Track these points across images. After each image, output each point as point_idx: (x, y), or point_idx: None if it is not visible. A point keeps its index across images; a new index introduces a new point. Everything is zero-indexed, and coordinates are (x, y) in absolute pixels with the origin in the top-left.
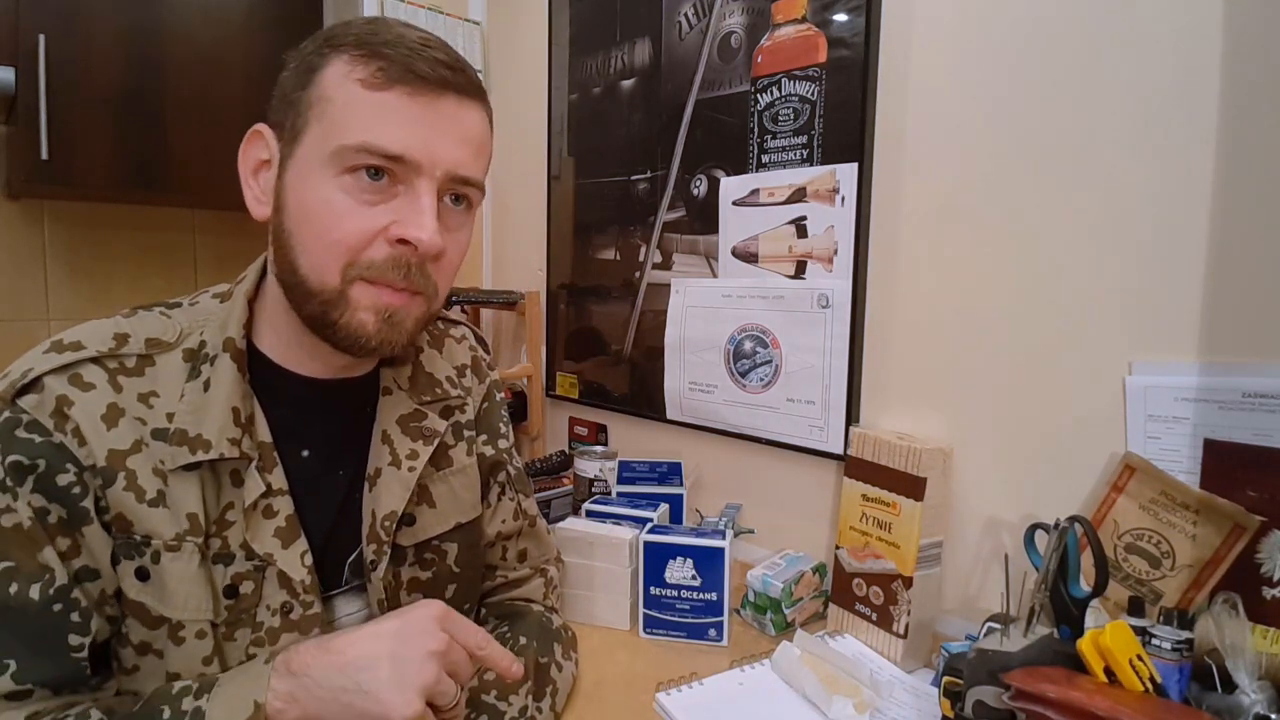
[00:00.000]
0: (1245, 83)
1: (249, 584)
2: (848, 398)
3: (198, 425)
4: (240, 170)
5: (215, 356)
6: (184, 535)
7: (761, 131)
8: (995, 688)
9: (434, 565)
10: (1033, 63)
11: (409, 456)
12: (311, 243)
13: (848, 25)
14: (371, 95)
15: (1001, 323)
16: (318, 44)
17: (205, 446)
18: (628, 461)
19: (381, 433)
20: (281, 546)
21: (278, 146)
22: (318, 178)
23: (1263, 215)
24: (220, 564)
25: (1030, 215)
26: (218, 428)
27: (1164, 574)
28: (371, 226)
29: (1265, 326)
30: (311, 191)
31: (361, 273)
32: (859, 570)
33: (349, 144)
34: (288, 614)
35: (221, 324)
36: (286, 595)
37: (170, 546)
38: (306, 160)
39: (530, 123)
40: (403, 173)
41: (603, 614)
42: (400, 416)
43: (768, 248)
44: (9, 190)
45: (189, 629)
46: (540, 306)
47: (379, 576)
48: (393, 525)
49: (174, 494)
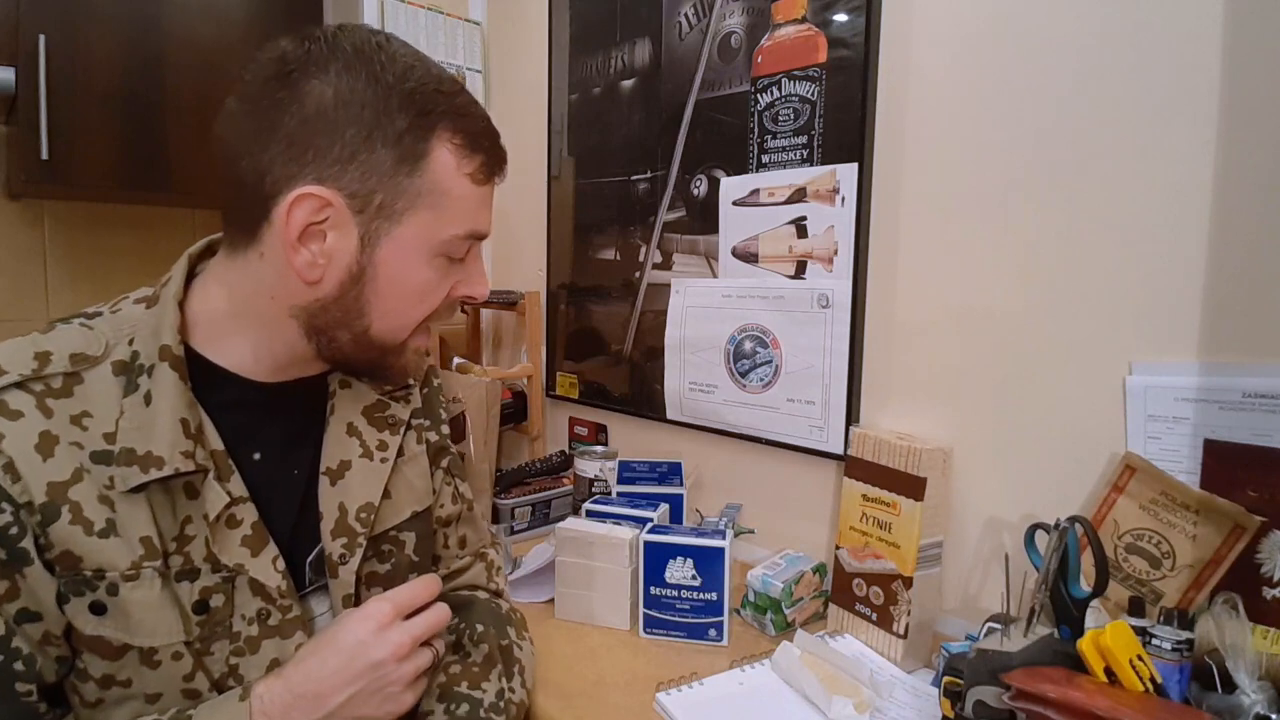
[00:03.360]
0: (1245, 82)
1: (219, 597)
2: (848, 398)
3: (146, 441)
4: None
5: (152, 367)
6: (141, 562)
7: (761, 131)
8: (995, 688)
9: (392, 557)
10: (1033, 62)
11: (379, 447)
12: (396, 310)
13: (848, 25)
14: (478, 189)
15: (1001, 323)
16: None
17: (158, 463)
18: (628, 461)
19: (346, 425)
20: (251, 555)
21: (354, 216)
22: (420, 257)
23: (1263, 215)
24: (185, 581)
25: (1030, 215)
26: (168, 442)
27: (1164, 574)
28: (446, 291)
29: (1265, 326)
30: (411, 270)
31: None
32: (859, 570)
33: (460, 234)
34: (266, 620)
35: (154, 331)
36: (262, 602)
37: (128, 576)
38: (412, 242)
39: (530, 123)
40: None
41: (602, 614)
42: (365, 407)
43: (768, 248)
44: (9, 190)
45: (163, 653)
46: (540, 306)
47: (349, 570)
48: (369, 516)
49: (124, 519)
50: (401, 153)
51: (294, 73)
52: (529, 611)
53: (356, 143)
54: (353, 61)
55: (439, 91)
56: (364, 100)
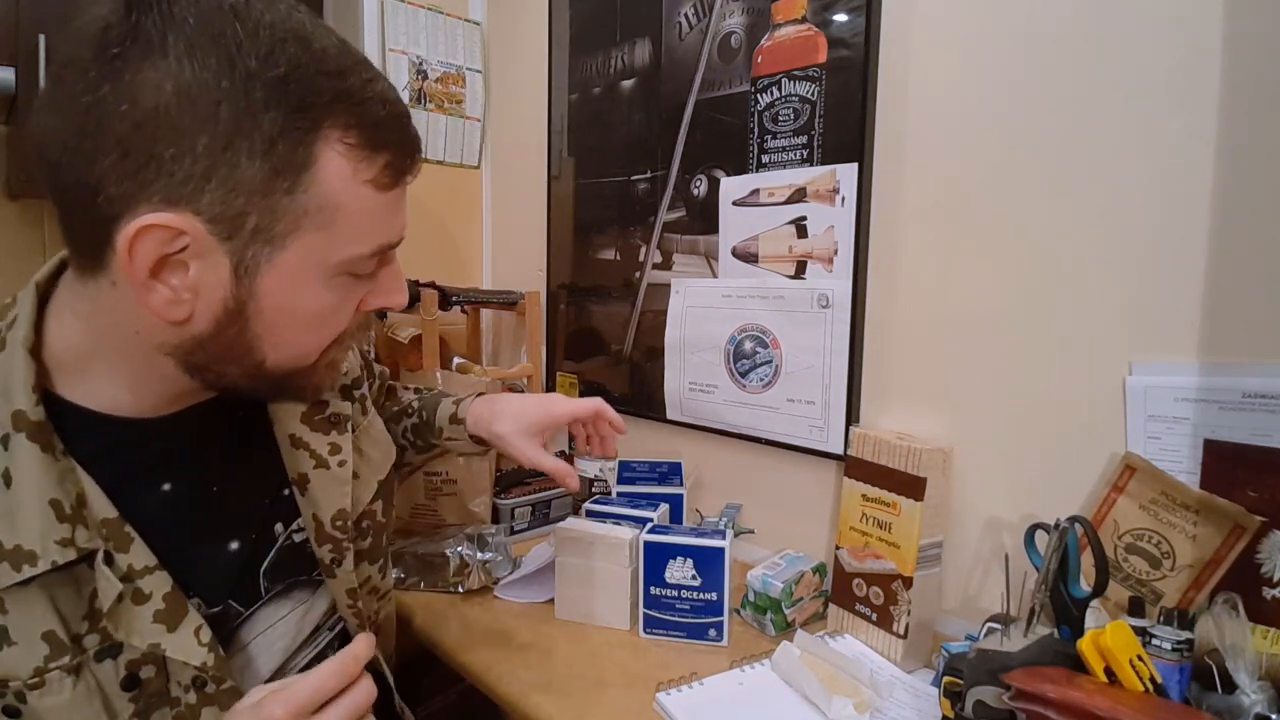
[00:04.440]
0: (1246, 82)
1: (149, 668)
2: (848, 398)
3: (12, 534)
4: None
5: (5, 437)
6: (45, 666)
7: (761, 131)
8: (995, 688)
9: (371, 530)
10: (1033, 62)
11: (332, 452)
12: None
13: (848, 25)
14: (383, 197)
15: (1001, 323)
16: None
17: (30, 559)
18: (628, 461)
19: (289, 438)
20: (167, 630)
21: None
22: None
23: (1263, 215)
24: (108, 658)
25: (1030, 215)
26: (38, 532)
27: (1164, 574)
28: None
29: (1265, 326)
30: (304, 298)
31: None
32: (859, 570)
33: (364, 253)
34: (202, 688)
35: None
36: (195, 670)
37: (32, 685)
38: (300, 268)
39: (530, 123)
40: None
41: (602, 614)
42: (303, 414)
43: (768, 248)
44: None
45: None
46: (540, 306)
47: (346, 570)
48: (346, 523)
49: (17, 620)
50: (275, 164)
51: (117, 57)
52: (529, 611)
53: (213, 154)
54: (198, 39)
55: (322, 74)
56: (218, 95)
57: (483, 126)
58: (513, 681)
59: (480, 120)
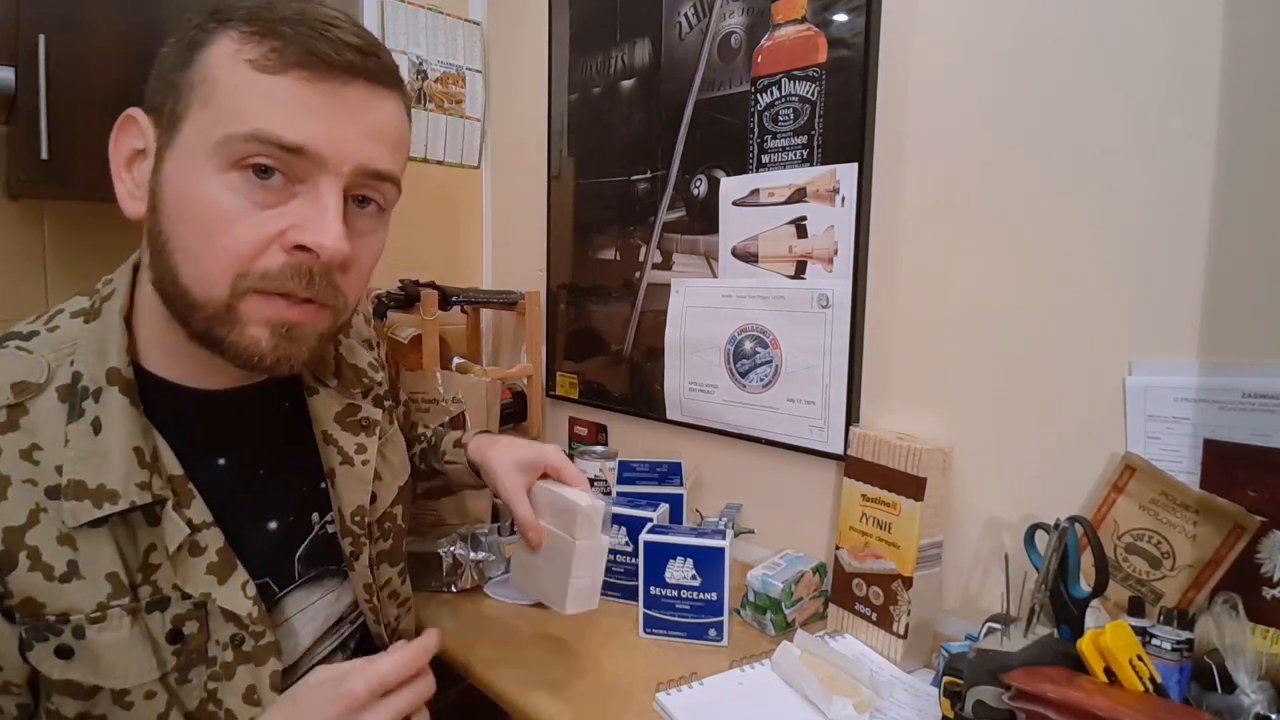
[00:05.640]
0: (1245, 82)
1: (193, 623)
2: (848, 398)
3: (98, 474)
4: (111, 161)
5: (99, 390)
6: (108, 603)
7: (761, 131)
8: (995, 688)
9: (392, 532)
10: (1033, 62)
11: (358, 451)
12: (195, 248)
13: (848, 25)
14: (264, 79)
15: (1002, 323)
16: (203, 17)
17: (112, 497)
18: (628, 461)
19: (322, 434)
20: (218, 583)
21: (154, 134)
22: (201, 172)
23: (1263, 215)
24: (157, 610)
25: (1030, 215)
26: (122, 474)
27: (1164, 574)
28: (265, 232)
29: (1265, 326)
30: (195, 188)
31: (254, 284)
32: (859, 570)
33: (238, 132)
34: (239, 646)
35: (97, 350)
36: (235, 628)
37: (94, 619)
38: (188, 151)
39: (530, 123)
40: (302, 169)
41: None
42: (336, 414)
43: (768, 248)
44: (9, 190)
45: (135, 694)
46: (540, 306)
47: (363, 563)
48: (363, 518)
49: (86, 558)
50: (182, 48)
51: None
52: (528, 611)
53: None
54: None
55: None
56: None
57: (483, 126)
58: (512, 681)
59: (480, 120)
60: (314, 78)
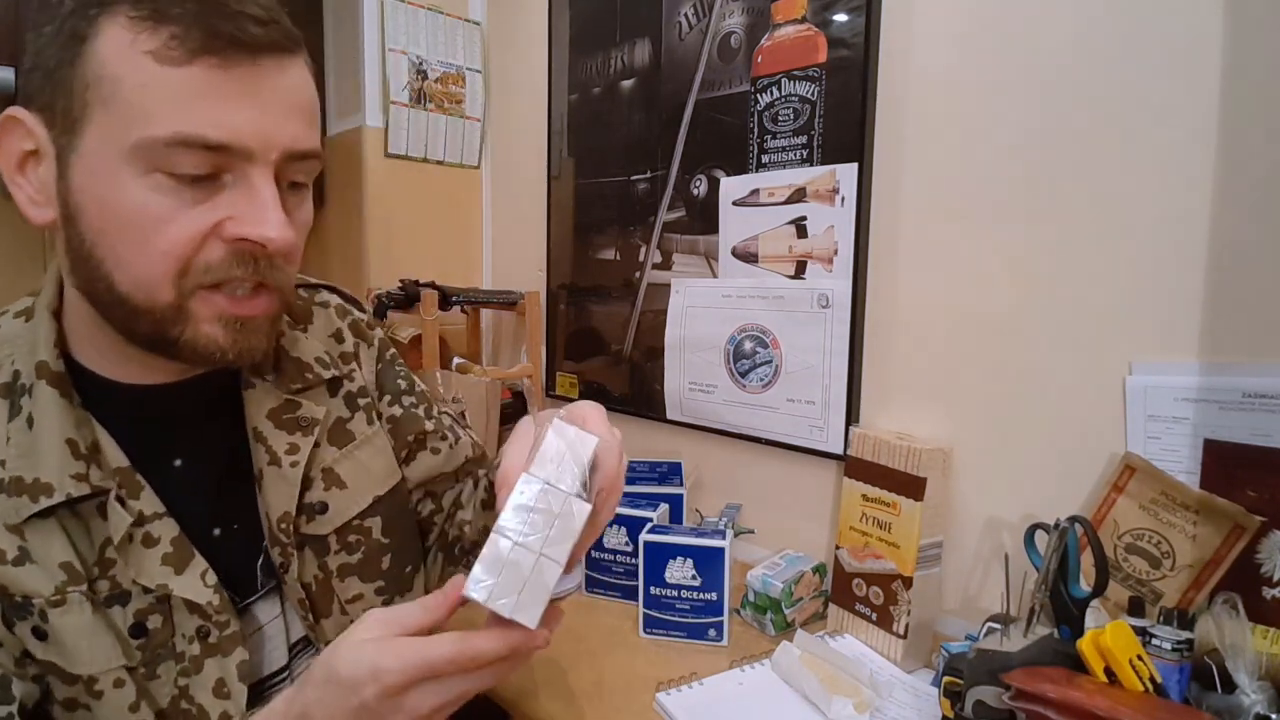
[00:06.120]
0: (1245, 82)
1: (156, 617)
2: (848, 398)
3: (32, 469)
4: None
5: (32, 386)
6: (64, 587)
7: (761, 131)
8: (995, 688)
9: (361, 546)
10: (1033, 62)
11: (289, 452)
12: (129, 256)
13: (848, 25)
14: (171, 73)
15: (1001, 323)
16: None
17: (47, 490)
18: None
19: (253, 430)
20: (175, 573)
21: (48, 134)
22: (119, 178)
23: (1263, 215)
24: (117, 605)
25: (1030, 214)
26: (55, 466)
27: (1164, 574)
28: (199, 227)
29: (1265, 326)
30: (117, 194)
31: (199, 280)
32: (859, 570)
33: (156, 136)
34: (205, 638)
35: (30, 348)
36: (199, 619)
37: (54, 602)
38: (98, 156)
39: (530, 123)
40: (229, 162)
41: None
42: (270, 410)
43: (768, 248)
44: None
45: (104, 681)
46: (540, 306)
47: (292, 577)
48: (289, 525)
49: (36, 546)
50: (65, 39)
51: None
52: None
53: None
54: None
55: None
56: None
57: (483, 126)
58: (512, 681)
59: (480, 120)
60: (223, 63)
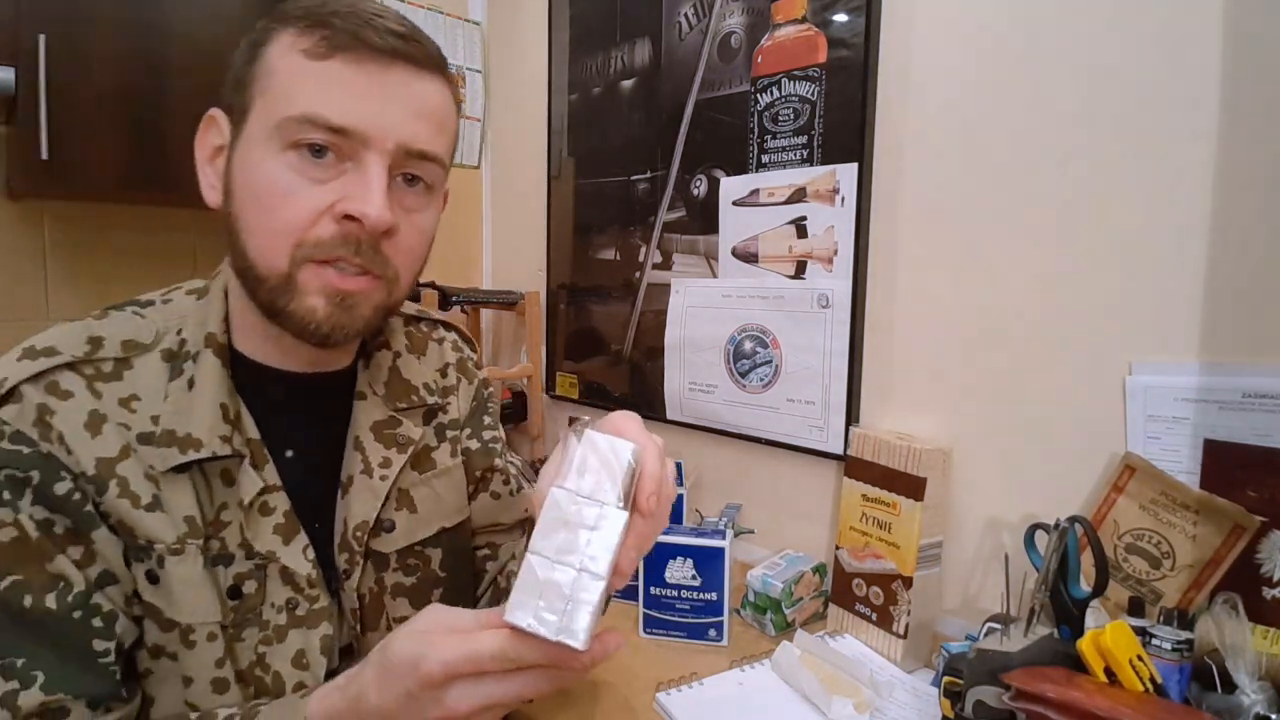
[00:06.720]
0: (1245, 82)
1: (251, 583)
2: (848, 398)
3: (186, 424)
4: (197, 158)
5: (197, 353)
6: (185, 538)
7: (761, 131)
8: (995, 688)
9: (418, 571)
10: (1032, 62)
11: (381, 464)
12: (258, 225)
13: (848, 25)
14: (314, 65)
15: (1001, 323)
16: (267, 20)
17: (196, 445)
18: None
19: (354, 438)
20: (283, 543)
21: (229, 129)
22: (262, 154)
23: (1262, 215)
24: (221, 565)
25: (1030, 214)
26: (207, 425)
27: (1164, 574)
28: (318, 204)
29: (1265, 326)
30: (256, 170)
31: (309, 254)
32: (859, 570)
33: (291, 115)
34: (293, 610)
35: (201, 321)
36: (291, 591)
37: (174, 550)
38: (252, 138)
39: (530, 123)
40: (349, 147)
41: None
42: (375, 423)
43: (768, 248)
44: (9, 190)
45: (199, 632)
46: (540, 306)
47: (352, 586)
48: (364, 535)
49: (168, 498)
50: (248, 48)
51: None
52: None
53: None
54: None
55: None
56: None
57: (483, 126)
58: None
59: (480, 120)
60: (358, 60)
